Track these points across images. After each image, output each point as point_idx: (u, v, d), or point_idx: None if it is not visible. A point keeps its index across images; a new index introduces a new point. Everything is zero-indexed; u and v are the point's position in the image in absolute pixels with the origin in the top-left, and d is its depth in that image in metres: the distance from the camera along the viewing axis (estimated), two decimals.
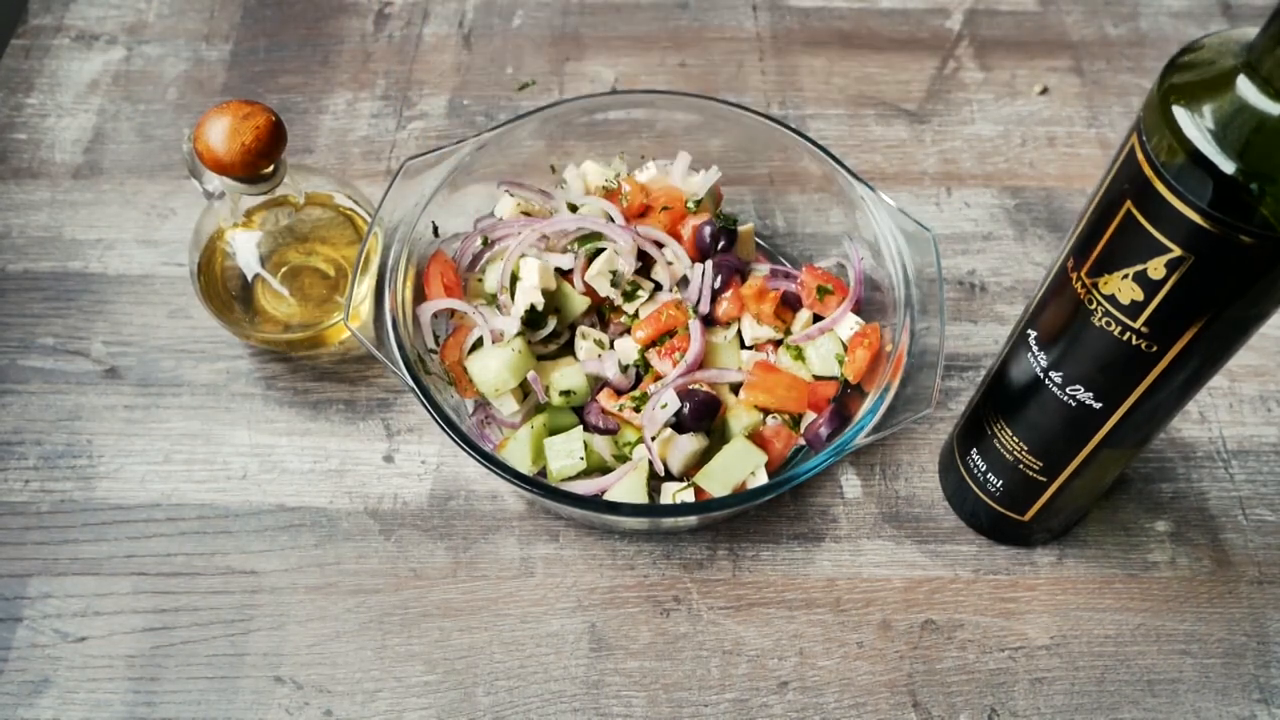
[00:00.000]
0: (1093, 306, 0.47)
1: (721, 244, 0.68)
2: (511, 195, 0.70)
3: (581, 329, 0.66)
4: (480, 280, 0.68)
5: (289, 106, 0.84)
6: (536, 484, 0.59)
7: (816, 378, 0.66)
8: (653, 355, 0.65)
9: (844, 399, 0.65)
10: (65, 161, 0.80)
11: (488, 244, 0.69)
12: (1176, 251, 0.42)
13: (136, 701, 0.58)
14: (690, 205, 0.70)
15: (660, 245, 0.68)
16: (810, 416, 0.65)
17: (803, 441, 0.65)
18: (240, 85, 0.85)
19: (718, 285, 0.67)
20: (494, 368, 0.62)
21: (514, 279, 0.65)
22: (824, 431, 0.64)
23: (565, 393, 0.64)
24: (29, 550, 0.63)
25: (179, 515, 0.65)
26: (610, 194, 0.70)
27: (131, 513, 0.65)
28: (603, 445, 0.63)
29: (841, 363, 0.66)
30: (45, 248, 0.75)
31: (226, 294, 0.67)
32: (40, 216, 0.77)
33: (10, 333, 0.71)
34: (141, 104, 0.83)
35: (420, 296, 0.67)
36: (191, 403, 0.69)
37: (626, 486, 0.62)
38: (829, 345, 0.66)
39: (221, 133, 0.59)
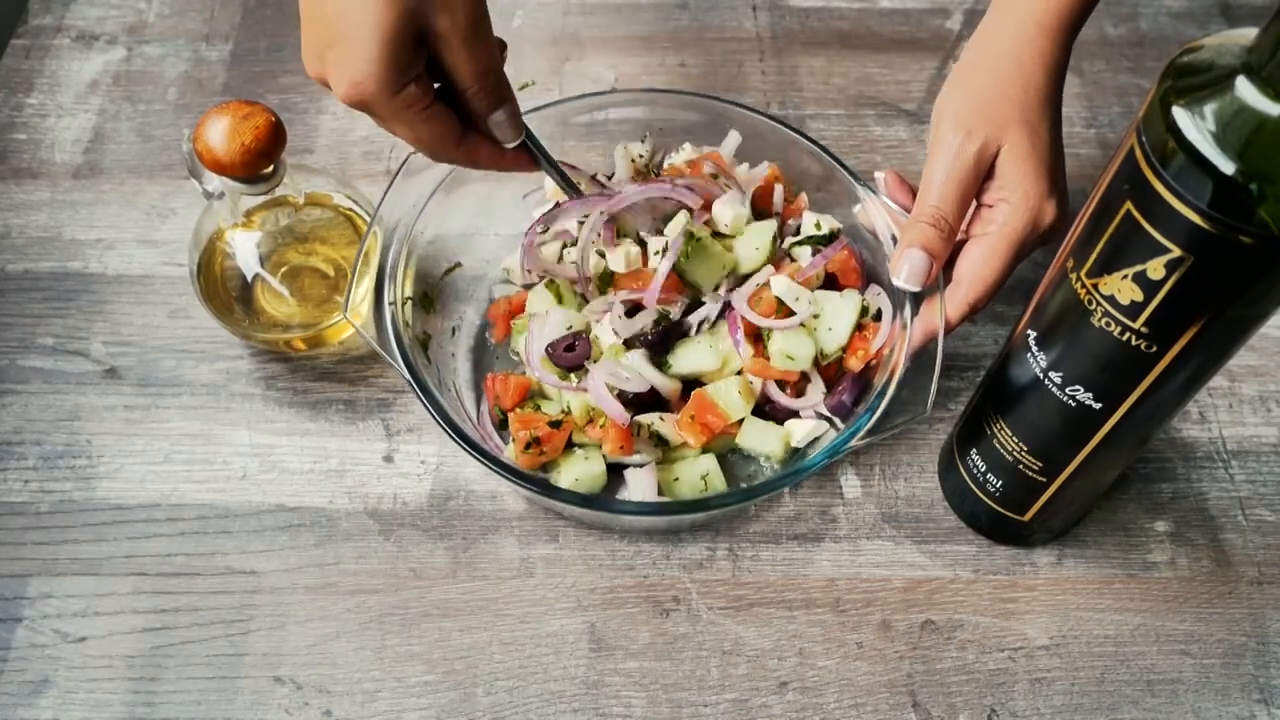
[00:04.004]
0: (1092, 307, 0.47)
1: None
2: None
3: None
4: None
5: (289, 106, 0.83)
6: (536, 482, 0.59)
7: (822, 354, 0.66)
8: None
9: (868, 370, 0.65)
10: (65, 161, 0.80)
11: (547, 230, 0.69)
12: (1176, 252, 0.42)
13: (136, 701, 0.59)
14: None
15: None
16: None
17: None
18: (240, 85, 0.85)
19: None
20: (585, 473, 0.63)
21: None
22: (847, 400, 0.64)
23: None
24: (29, 550, 0.63)
25: (179, 515, 0.65)
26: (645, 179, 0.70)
27: (131, 513, 0.65)
28: None
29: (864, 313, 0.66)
30: (45, 248, 0.75)
31: (226, 294, 0.67)
32: (40, 216, 0.77)
33: (10, 333, 0.71)
34: (141, 104, 0.83)
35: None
36: (191, 403, 0.69)
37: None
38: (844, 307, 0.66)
39: (221, 133, 0.59)
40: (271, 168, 0.61)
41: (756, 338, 0.65)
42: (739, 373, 0.65)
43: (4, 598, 0.61)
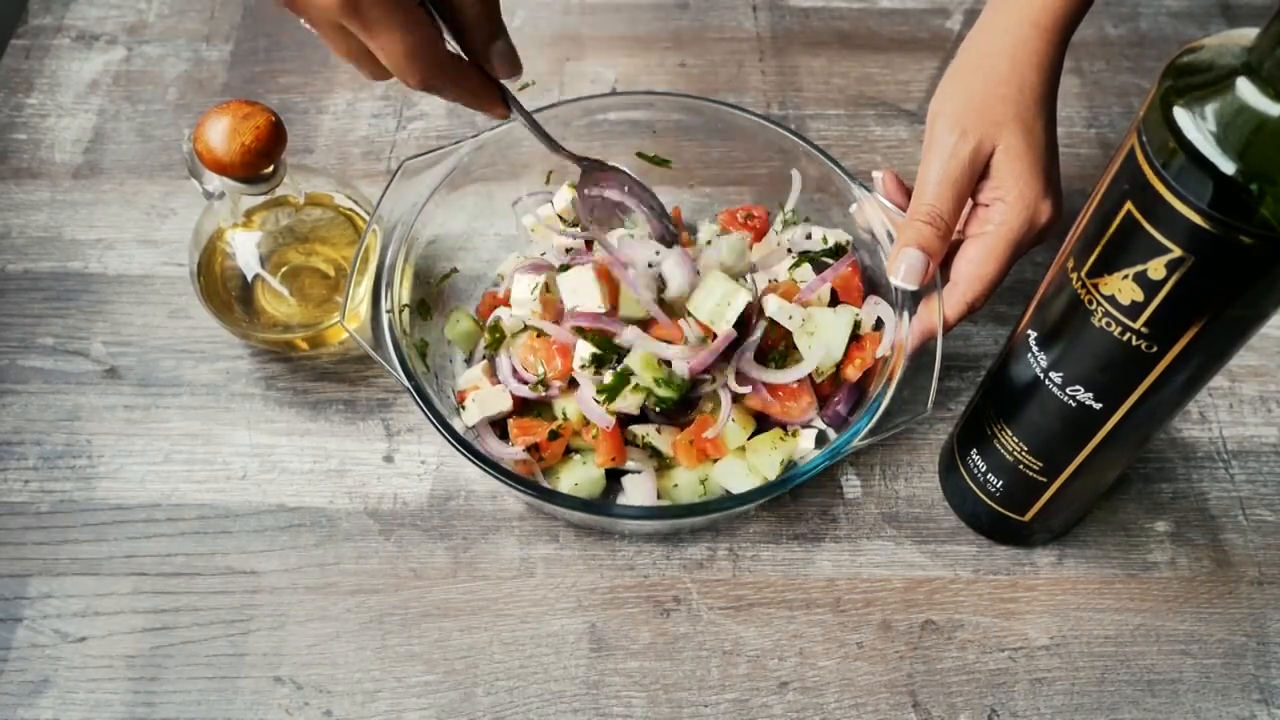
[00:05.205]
0: (1093, 307, 0.47)
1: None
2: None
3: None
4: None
5: (289, 106, 0.83)
6: (531, 485, 0.59)
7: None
8: None
9: (865, 377, 0.65)
10: (65, 161, 0.80)
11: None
12: (1176, 252, 0.42)
13: (136, 701, 0.58)
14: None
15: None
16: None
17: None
18: (240, 85, 0.85)
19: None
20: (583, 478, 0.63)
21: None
22: (842, 409, 0.64)
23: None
24: (29, 550, 0.63)
25: (179, 515, 0.65)
26: None
27: (131, 513, 0.65)
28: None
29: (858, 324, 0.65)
30: (45, 248, 0.75)
31: (226, 294, 0.67)
32: (40, 216, 0.77)
33: (10, 333, 0.71)
34: (141, 104, 0.83)
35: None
36: (191, 403, 0.69)
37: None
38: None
39: (221, 133, 0.59)
40: (271, 168, 0.61)
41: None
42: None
43: (4, 598, 0.61)
